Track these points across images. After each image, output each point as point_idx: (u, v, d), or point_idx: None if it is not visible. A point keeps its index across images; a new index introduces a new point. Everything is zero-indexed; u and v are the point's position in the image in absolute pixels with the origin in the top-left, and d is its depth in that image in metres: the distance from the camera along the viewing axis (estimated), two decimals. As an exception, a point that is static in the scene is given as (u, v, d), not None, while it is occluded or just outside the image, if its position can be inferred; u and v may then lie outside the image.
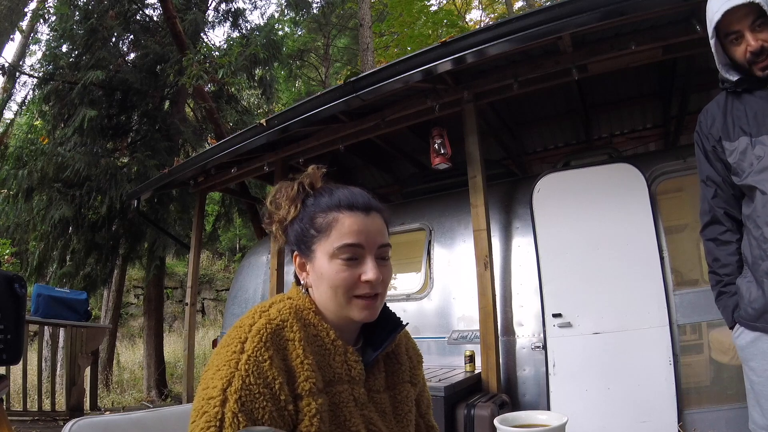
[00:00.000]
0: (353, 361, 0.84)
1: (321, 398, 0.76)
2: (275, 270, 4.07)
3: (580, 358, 2.89)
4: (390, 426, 0.86)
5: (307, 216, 0.86)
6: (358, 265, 0.82)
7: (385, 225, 0.88)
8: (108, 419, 1.03)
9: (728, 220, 1.46)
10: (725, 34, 1.38)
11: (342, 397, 0.80)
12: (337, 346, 0.83)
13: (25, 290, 1.34)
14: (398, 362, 0.94)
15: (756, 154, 1.34)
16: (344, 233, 0.82)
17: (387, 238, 0.87)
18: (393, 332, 0.91)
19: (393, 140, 4.50)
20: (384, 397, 0.88)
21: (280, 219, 0.89)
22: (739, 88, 1.41)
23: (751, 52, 1.33)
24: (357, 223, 0.83)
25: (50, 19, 7.72)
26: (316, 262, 0.84)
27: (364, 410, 0.82)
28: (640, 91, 4.24)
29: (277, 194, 0.90)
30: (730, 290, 1.44)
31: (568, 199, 3.15)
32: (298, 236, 0.87)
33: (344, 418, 0.79)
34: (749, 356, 1.38)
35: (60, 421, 4.15)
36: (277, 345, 0.76)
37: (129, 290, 13.24)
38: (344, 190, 0.88)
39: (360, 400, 0.82)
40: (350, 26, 13.63)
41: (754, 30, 1.32)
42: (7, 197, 6.60)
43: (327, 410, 0.77)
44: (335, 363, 0.82)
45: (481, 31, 2.70)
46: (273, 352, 0.75)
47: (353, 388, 0.82)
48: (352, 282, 0.81)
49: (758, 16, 1.31)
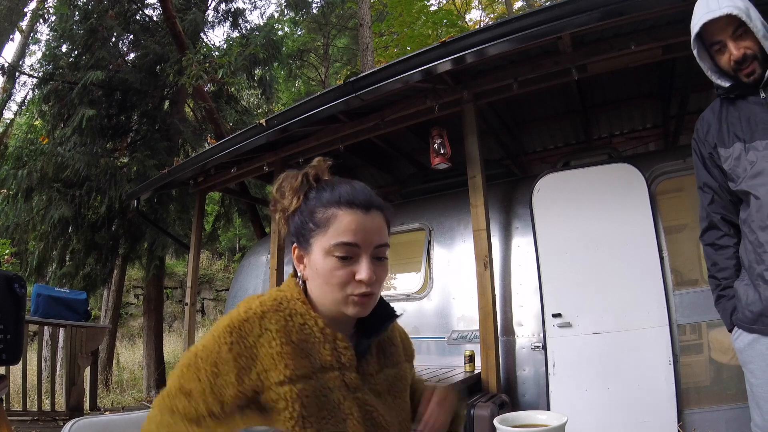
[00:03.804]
0: (343, 348, 0.85)
1: (302, 384, 0.77)
2: (275, 270, 4.07)
3: (580, 358, 2.89)
4: (387, 405, 0.88)
5: (307, 209, 0.86)
6: (353, 263, 0.82)
7: (386, 223, 0.88)
8: (108, 419, 1.03)
9: (725, 225, 1.48)
10: (710, 43, 1.40)
11: (333, 383, 0.81)
12: (326, 334, 0.84)
13: (24, 290, 1.34)
14: (393, 344, 0.97)
15: (749, 160, 1.36)
16: (341, 231, 0.82)
17: (385, 238, 0.86)
18: (387, 321, 0.92)
19: (393, 140, 4.50)
20: (379, 378, 0.90)
21: (284, 208, 0.89)
22: (732, 95, 1.42)
23: (735, 61, 1.36)
24: (355, 221, 0.82)
25: (50, 19, 7.73)
26: (313, 256, 0.84)
27: (357, 393, 0.84)
28: (640, 91, 4.24)
29: (283, 182, 0.90)
30: (729, 293, 1.46)
31: (568, 199, 3.15)
32: (297, 228, 0.87)
33: (337, 402, 0.80)
34: (748, 359, 1.39)
35: (60, 421, 4.14)
36: (247, 333, 0.79)
37: (129, 290, 13.23)
38: (346, 185, 0.87)
39: (352, 385, 0.84)
40: (350, 26, 13.62)
41: (736, 39, 1.34)
42: (7, 197, 6.58)
43: (312, 395, 0.78)
44: (324, 351, 0.83)
45: (481, 31, 2.70)
46: (236, 338, 0.78)
47: (344, 374, 0.83)
48: (346, 280, 0.82)
49: (739, 25, 1.33)
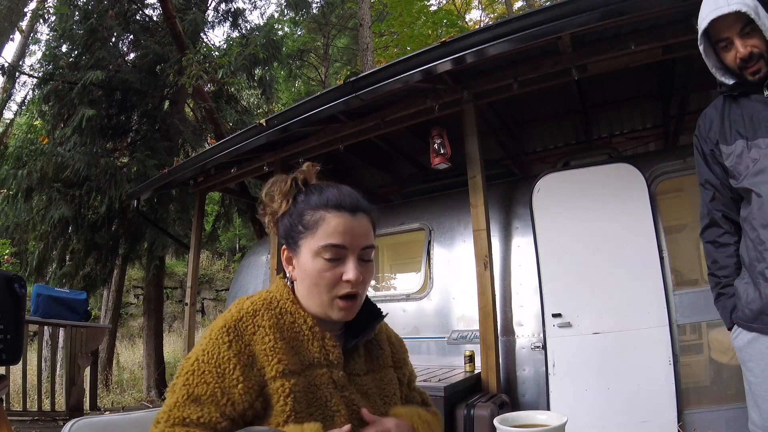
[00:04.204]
0: (331, 346, 0.87)
1: (294, 379, 0.80)
2: (275, 270, 4.06)
3: (580, 358, 2.89)
4: (376, 406, 0.90)
5: (296, 212, 0.89)
6: (341, 264, 0.85)
7: (372, 226, 0.91)
8: (108, 419, 1.03)
9: (726, 223, 1.48)
10: (716, 40, 1.40)
11: (321, 380, 0.84)
12: (315, 333, 0.87)
13: (24, 290, 1.34)
14: (380, 348, 0.99)
15: (752, 157, 1.36)
16: (329, 233, 0.85)
17: (371, 240, 0.90)
18: (373, 322, 0.95)
19: (392, 140, 4.50)
20: (366, 380, 0.92)
21: (273, 212, 0.92)
22: (736, 92, 1.42)
23: (741, 59, 1.35)
24: (342, 224, 0.85)
25: (50, 19, 7.72)
26: (301, 257, 0.87)
27: (344, 392, 0.86)
28: (640, 91, 4.24)
29: (272, 186, 0.93)
30: (729, 292, 1.45)
31: (568, 199, 3.15)
32: (286, 230, 0.90)
33: (325, 399, 0.83)
34: (747, 357, 1.39)
35: (60, 421, 4.14)
36: (242, 331, 0.81)
37: (129, 290, 13.22)
38: (333, 189, 0.90)
39: (339, 382, 0.86)
40: (350, 26, 13.62)
41: (743, 36, 1.34)
42: (7, 197, 6.57)
43: (303, 391, 0.81)
44: (313, 348, 0.86)
45: (481, 31, 2.70)
46: (234, 336, 0.80)
47: (332, 371, 0.86)
48: (334, 280, 0.85)
49: (747, 23, 1.32)
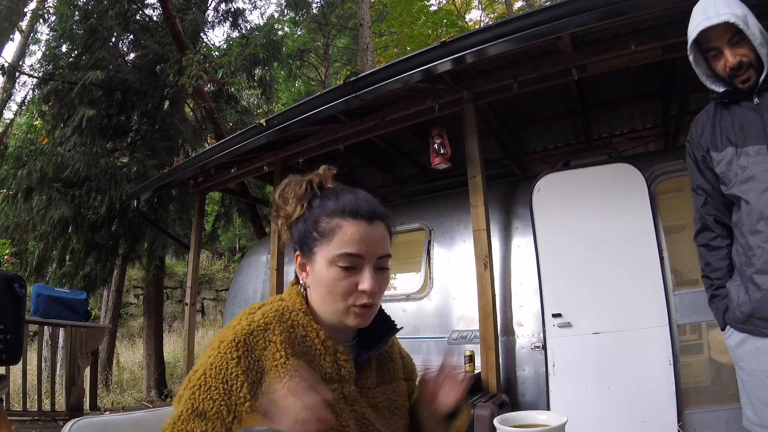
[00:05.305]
0: (343, 360, 0.85)
1: None
2: (275, 270, 4.06)
3: (580, 358, 2.89)
4: (385, 419, 0.88)
5: (311, 218, 0.86)
6: (356, 273, 0.82)
7: (388, 233, 0.88)
8: (108, 419, 1.03)
9: (718, 227, 1.51)
10: (706, 49, 1.42)
11: (332, 395, 0.81)
12: (327, 347, 0.84)
13: (24, 290, 1.34)
14: (392, 360, 0.97)
15: (740, 165, 1.38)
16: (345, 242, 0.82)
17: (388, 248, 0.87)
18: (387, 334, 0.92)
19: (392, 140, 4.50)
20: (377, 392, 0.90)
21: (287, 215, 0.89)
22: (726, 99, 1.44)
23: (731, 68, 1.37)
24: (359, 232, 0.82)
25: (50, 19, 7.72)
26: (316, 265, 0.84)
27: (355, 406, 0.84)
28: (640, 91, 4.24)
29: (286, 188, 0.90)
30: (721, 293, 1.49)
31: (568, 199, 3.15)
32: (301, 236, 0.87)
33: (335, 414, 0.80)
34: (739, 356, 1.43)
35: (60, 421, 4.14)
36: (252, 347, 0.78)
37: (129, 290, 13.22)
38: (350, 194, 0.87)
39: (351, 397, 0.84)
40: (350, 26, 13.61)
41: (732, 46, 1.36)
42: (7, 197, 6.57)
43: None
44: (325, 363, 0.83)
45: (481, 31, 2.70)
46: (243, 352, 0.77)
47: (343, 386, 0.84)
48: (349, 290, 0.82)
49: (736, 32, 1.34)
